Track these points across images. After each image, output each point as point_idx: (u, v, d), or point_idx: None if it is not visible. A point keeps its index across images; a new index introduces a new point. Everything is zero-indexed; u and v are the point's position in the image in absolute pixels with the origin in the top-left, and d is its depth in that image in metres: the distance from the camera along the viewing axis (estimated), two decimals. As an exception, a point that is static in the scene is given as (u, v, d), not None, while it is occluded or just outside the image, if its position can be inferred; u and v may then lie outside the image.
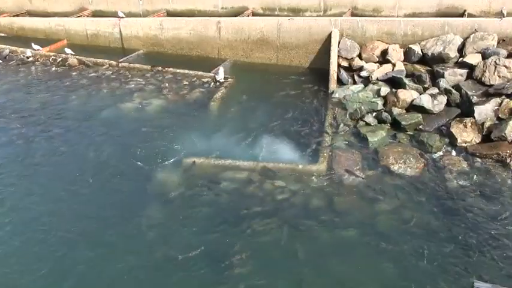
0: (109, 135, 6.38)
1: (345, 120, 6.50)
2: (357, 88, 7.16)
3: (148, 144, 6.07)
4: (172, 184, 5.24)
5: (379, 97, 6.78)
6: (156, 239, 4.46)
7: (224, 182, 5.27)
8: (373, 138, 6.01)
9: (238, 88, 7.84)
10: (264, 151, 5.85)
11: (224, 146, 5.96)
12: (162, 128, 6.50)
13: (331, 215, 4.77)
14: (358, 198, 5.02)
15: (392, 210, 4.85)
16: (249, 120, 6.73)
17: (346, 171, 5.37)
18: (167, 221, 4.68)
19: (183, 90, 7.77)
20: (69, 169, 5.61)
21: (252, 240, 4.44)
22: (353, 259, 4.22)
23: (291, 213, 4.80)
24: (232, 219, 4.71)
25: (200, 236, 4.49)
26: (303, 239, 4.45)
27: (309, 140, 6.16)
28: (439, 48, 7.25)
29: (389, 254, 4.26)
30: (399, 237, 4.47)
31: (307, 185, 5.21)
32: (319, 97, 7.35)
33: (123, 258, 4.23)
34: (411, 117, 6.29)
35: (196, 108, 7.16)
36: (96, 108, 7.19)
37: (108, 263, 4.17)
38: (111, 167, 5.63)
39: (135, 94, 7.62)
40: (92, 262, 4.20)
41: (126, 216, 4.77)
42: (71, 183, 5.35)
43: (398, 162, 5.55)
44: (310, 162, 5.60)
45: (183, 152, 5.83)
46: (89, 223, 4.69)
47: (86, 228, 4.62)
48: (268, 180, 5.27)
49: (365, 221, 4.69)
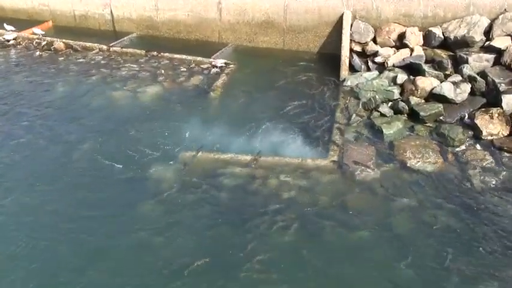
0: (98, 126, 6.35)
1: (357, 111, 6.47)
2: (371, 75, 7.12)
3: (141, 137, 6.05)
4: (167, 180, 5.22)
5: (396, 85, 6.74)
6: (149, 241, 4.43)
7: (225, 178, 5.25)
8: (388, 131, 5.98)
9: (241, 75, 7.81)
10: (269, 144, 5.82)
11: (225, 138, 5.94)
12: (157, 119, 6.48)
13: (342, 214, 4.75)
14: (372, 196, 4.98)
15: (410, 209, 4.80)
16: (252, 110, 6.70)
17: (358, 167, 5.34)
18: (162, 222, 4.65)
19: (180, 77, 7.75)
20: (53, 165, 5.57)
21: (255, 243, 4.41)
22: (366, 264, 4.18)
23: (298, 212, 4.77)
24: (234, 220, 4.68)
25: (197, 238, 4.47)
26: (311, 241, 4.42)
27: (317, 132, 6.13)
28: (462, 31, 7.15)
29: (406, 259, 4.21)
30: (417, 239, 4.43)
31: (316, 182, 5.18)
32: (329, 85, 7.32)
33: (112, 263, 4.21)
34: (431, 107, 6.23)
35: (195, 97, 7.14)
36: (85, 97, 7.16)
37: (95, 269, 4.14)
38: (101, 162, 5.60)
39: (128, 81, 7.59)
40: (78, 267, 4.16)
41: (117, 216, 4.74)
42: (55, 179, 5.30)
43: (416, 157, 5.51)
44: (319, 156, 5.58)
45: (180, 145, 5.81)
46: (75, 224, 4.65)
47: (71, 230, 4.57)
48: (273, 176, 5.24)
49: (379, 221, 4.65)
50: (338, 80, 7.38)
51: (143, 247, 4.36)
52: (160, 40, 9.34)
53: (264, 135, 6.00)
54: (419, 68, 6.84)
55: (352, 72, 7.45)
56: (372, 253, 4.28)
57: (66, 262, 4.21)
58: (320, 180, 5.21)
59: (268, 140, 5.91)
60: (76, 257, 4.26)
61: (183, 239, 4.45)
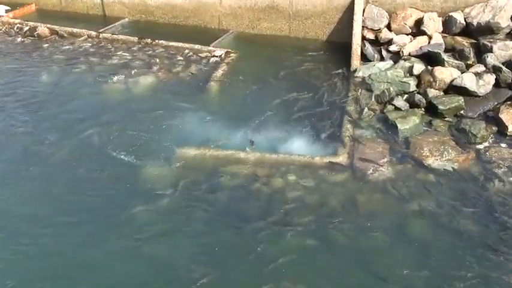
0: (87, 121, 6.34)
1: (369, 104, 6.47)
2: (385, 65, 7.10)
3: (134, 132, 6.04)
4: (163, 180, 5.22)
5: (412, 76, 6.71)
6: (142, 247, 4.42)
7: (225, 177, 5.25)
8: (403, 126, 5.97)
9: (243, 65, 7.80)
10: (273, 140, 5.82)
11: (225, 133, 5.93)
12: (152, 113, 6.47)
13: (352, 217, 4.74)
14: (385, 198, 4.98)
15: (427, 212, 4.79)
16: (254, 103, 6.70)
17: (370, 165, 5.34)
18: (156, 226, 4.64)
19: (176, 67, 7.75)
20: (35, 163, 5.53)
21: (258, 248, 4.40)
22: (378, 271, 4.16)
23: (305, 215, 4.76)
24: (234, 223, 4.68)
25: (195, 244, 4.46)
26: (320, 246, 4.41)
27: (326, 127, 6.12)
28: (487, 16, 7.11)
29: (422, 266, 4.20)
30: (434, 245, 4.41)
31: (324, 181, 5.18)
32: (338, 76, 7.30)
33: (101, 275, 4.17)
34: (450, 100, 6.21)
35: (192, 89, 7.14)
36: (72, 89, 7.14)
37: (82, 283, 4.10)
38: (90, 159, 5.59)
39: (119, 71, 7.59)
40: (63, 280, 4.13)
41: (107, 219, 4.72)
42: (36, 180, 5.26)
43: (434, 155, 5.50)
44: (327, 153, 5.57)
45: (176, 141, 5.80)
46: (60, 229, 4.63)
47: (56, 236, 4.55)
48: (278, 175, 5.25)
49: (393, 225, 4.64)
50: (349, 70, 7.36)
51: (136, 255, 4.35)
52: (154, 26, 9.33)
53: (268, 130, 6.00)
54: (438, 58, 6.80)
55: (364, 62, 7.43)
56: (385, 259, 4.27)
57: (50, 274, 4.17)
58: (329, 179, 5.20)
59: (272, 135, 5.91)
60: (61, 268, 4.22)
61: (179, 245, 4.44)
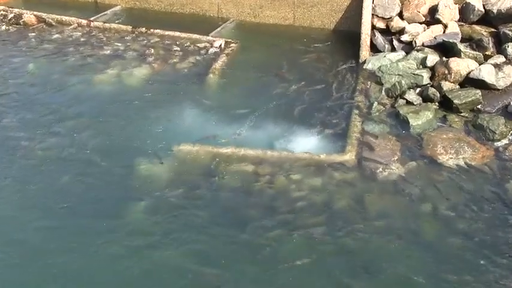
0: (78, 115, 6.33)
1: (379, 98, 6.48)
2: (396, 56, 7.10)
3: (127, 127, 6.05)
4: (159, 179, 5.22)
5: (425, 68, 6.71)
6: (137, 249, 4.41)
7: (225, 175, 5.25)
8: (416, 121, 5.98)
9: (244, 56, 7.81)
10: (276, 137, 5.83)
11: (225, 129, 5.94)
12: (146, 106, 6.48)
13: (361, 219, 4.73)
14: (396, 198, 4.97)
15: (441, 215, 4.78)
16: (256, 97, 6.71)
17: (380, 164, 5.34)
18: (151, 229, 4.63)
19: (172, 58, 7.76)
20: (21, 162, 5.49)
21: (259, 252, 4.39)
22: (388, 277, 4.15)
23: (310, 216, 4.76)
24: (235, 225, 4.68)
25: (193, 248, 4.44)
26: (325, 250, 4.41)
27: (332, 123, 6.13)
28: (508, 2, 7.07)
29: (434, 272, 4.18)
30: (448, 251, 4.39)
31: (331, 181, 5.18)
32: (346, 68, 7.30)
33: (91, 279, 4.14)
34: (467, 94, 6.21)
35: (190, 82, 7.15)
36: (61, 81, 7.13)
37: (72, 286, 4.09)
38: (81, 157, 5.59)
39: (112, 63, 7.59)
40: (52, 282, 4.11)
41: (98, 222, 4.69)
42: (23, 180, 5.21)
43: (448, 153, 5.50)
44: (334, 151, 5.58)
45: (173, 137, 5.80)
46: (51, 229, 4.62)
47: (46, 237, 4.53)
48: (281, 174, 5.25)
49: (404, 228, 4.62)
50: (357, 62, 7.37)
51: (130, 260, 4.31)
52: (149, 14, 9.31)
53: (270, 125, 6.01)
54: (454, 48, 6.79)
55: (373, 53, 7.44)
56: (394, 263, 4.26)
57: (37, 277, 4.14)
58: (335, 179, 5.20)
59: (275, 131, 5.92)
60: (46, 275, 4.16)
61: (176, 249, 4.42)
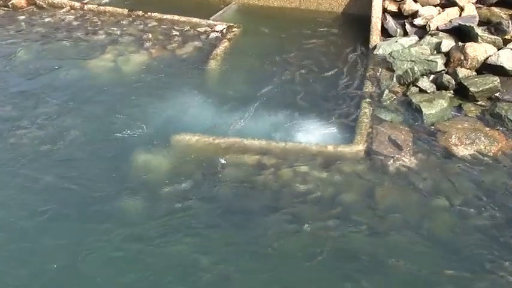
0: (71, 104, 6.34)
1: (390, 86, 6.48)
2: (409, 41, 7.08)
3: (123, 117, 6.06)
4: (156, 171, 5.23)
5: (439, 54, 6.69)
6: (134, 246, 4.42)
7: (227, 167, 5.26)
8: (429, 110, 5.96)
9: (247, 41, 7.82)
10: (281, 126, 5.83)
11: (227, 119, 5.94)
12: (143, 94, 6.49)
13: (370, 213, 4.73)
14: (408, 192, 4.96)
15: (455, 209, 4.76)
16: (259, 84, 6.71)
17: (391, 155, 5.35)
18: (150, 224, 4.64)
19: (171, 43, 7.78)
20: (10, 152, 5.51)
21: (264, 249, 4.39)
22: (399, 274, 4.14)
23: (317, 210, 4.76)
24: (237, 221, 4.68)
25: (194, 242, 4.45)
26: (333, 246, 4.40)
27: (341, 112, 6.13)
28: (530, -17, 7.05)
29: (448, 270, 4.16)
30: (463, 249, 4.36)
31: (339, 173, 5.18)
32: (356, 54, 7.30)
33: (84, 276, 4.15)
34: (484, 81, 6.18)
35: (190, 68, 7.16)
36: (53, 68, 7.14)
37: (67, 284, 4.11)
38: (75, 147, 5.60)
39: (107, 48, 7.61)
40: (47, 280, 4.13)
41: (94, 214, 4.72)
42: (18, 169, 5.25)
43: (464, 144, 5.49)
44: (342, 142, 5.58)
45: (171, 126, 5.82)
46: (43, 222, 4.64)
47: (39, 229, 4.55)
48: (286, 166, 5.26)
49: (416, 224, 4.61)
50: (367, 47, 7.36)
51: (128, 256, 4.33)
52: (146, -4, 9.33)
53: (275, 114, 6.01)
54: (471, 32, 6.75)
55: (385, 38, 7.42)
56: (406, 260, 4.25)
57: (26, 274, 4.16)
58: (344, 171, 5.20)
59: (280, 120, 5.91)
60: (41, 271, 4.17)
61: (176, 244, 4.42)
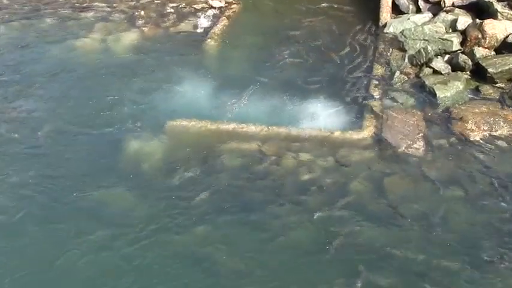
0: (58, 86, 6.34)
1: (402, 67, 6.47)
2: (422, 19, 7.04)
3: (114, 101, 6.05)
4: (150, 159, 5.24)
5: (455, 32, 6.65)
6: (124, 238, 4.43)
7: (225, 155, 5.26)
8: (444, 93, 5.95)
9: (247, 19, 7.81)
10: (284, 111, 5.83)
11: (225, 103, 5.93)
12: (135, 77, 6.48)
13: (379, 205, 4.73)
14: (420, 182, 4.96)
15: (471, 200, 4.75)
16: (260, 65, 6.70)
17: (402, 141, 5.35)
18: (142, 214, 4.65)
19: (165, 21, 7.76)
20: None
21: (266, 244, 4.40)
22: (412, 270, 4.14)
23: (323, 202, 4.76)
24: (237, 212, 4.69)
25: (189, 237, 4.45)
26: (341, 240, 4.40)
27: (348, 95, 6.11)
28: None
29: (465, 265, 4.16)
30: (480, 241, 4.36)
31: (346, 161, 5.19)
32: (364, 32, 7.27)
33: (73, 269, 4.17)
34: (504, 61, 6.15)
35: (185, 48, 7.14)
36: (36, 48, 7.14)
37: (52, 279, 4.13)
38: (59, 134, 5.60)
39: (96, 26, 7.60)
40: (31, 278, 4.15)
41: (83, 206, 4.74)
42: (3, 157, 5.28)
43: (481, 129, 5.49)
44: (350, 127, 5.58)
45: (166, 111, 5.83)
46: (30, 214, 4.65)
47: (25, 222, 4.58)
48: (290, 154, 5.26)
49: (429, 216, 4.59)
50: (377, 25, 7.31)
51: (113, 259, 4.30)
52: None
53: (277, 98, 5.99)
54: (490, 8, 6.70)
55: (396, 15, 7.36)
56: (419, 255, 4.25)
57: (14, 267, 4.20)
58: (351, 159, 5.21)
59: (283, 104, 5.90)
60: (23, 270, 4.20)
61: (170, 242, 4.41)
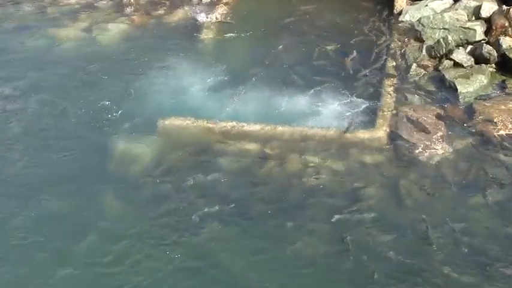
0: (36, 82, 6.35)
1: (419, 59, 6.46)
2: (442, 5, 7.01)
3: (101, 97, 6.06)
4: (140, 160, 5.26)
5: (479, 20, 6.64)
6: (112, 250, 4.44)
7: (223, 157, 5.27)
8: (466, 88, 5.94)
9: (246, 6, 7.81)
10: (288, 109, 5.82)
11: (223, 99, 5.94)
12: (124, 71, 6.50)
13: (395, 211, 4.72)
14: (439, 185, 4.95)
15: (496, 206, 4.73)
16: (262, 58, 6.69)
17: (419, 141, 5.33)
18: (133, 224, 4.66)
19: (157, 9, 7.77)
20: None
21: (267, 254, 4.40)
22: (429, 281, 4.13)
23: (331, 208, 4.75)
24: (236, 220, 4.69)
25: (184, 250, 4.46)
26: (350, 250, 4.39)
27: (360, 90, 6.10)
28: None
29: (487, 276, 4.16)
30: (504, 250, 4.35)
31: (358, 164, 5.19)
32: (378, 21, 7.26)
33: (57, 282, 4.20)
34: None
35: (179, 39, 7.16)
36: (15, 39, 7.17)
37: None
38: (45, 133, 5.63)
39: (80, 15, 7.61)
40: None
41: (67, 213, 4.75)
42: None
43: (508, 128, 5.48)
44: (361, 126, 5.57)
45: (158, 108, 5.84)
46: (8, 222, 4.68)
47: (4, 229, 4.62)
48: (295, 155, 5.26)
49: (449, 223, 4.58)
50: (391, 12, 7.30)
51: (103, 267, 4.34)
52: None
53: (281, 94, 5.99)
54: (517, -7, 6.65)
55: (412, 1, 7.33)
56: (437, 266, 4.24)
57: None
58: (363, 161, 5.20)
59: (287, 100, 5.90)
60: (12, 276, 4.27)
61: (161, 252, 4.43)
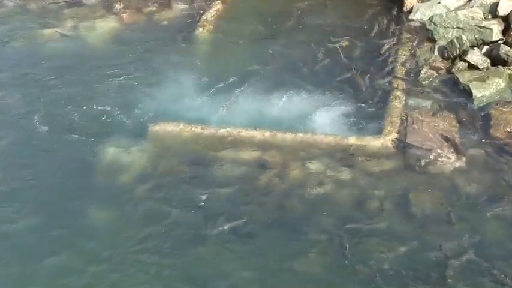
0: (20, 85, 6.42)
1: (431, 60, 6.48)
2: (455, 2, 7.05)
3: (89, 101, 6.09)
4: (130, 169, 5.28)
5: (496, 18, 6.65)
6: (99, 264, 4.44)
7: (220, 165, 5.28)
8: (481, 92, 5.95)
9: (245, 3, 7.89)
10: (289, 113, 5.84)
11: (219, 104, 5.96)
12: (113, 72, 6.53)
13: (404, 223, 4.71)
14: (453, 197, 4.94)
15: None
16: (260, 58, 6.73)
17: (430, 150, 5.33)
18: (123, 238, 4.67)
19: (148, 5, 7.85)
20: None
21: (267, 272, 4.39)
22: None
23: (335, 221, 4.75)
24: (235, 234, 4.68)
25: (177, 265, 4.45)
26: (356, 267, 4.36)
27: (366, 94, 6.13)
28: None
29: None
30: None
31: (364, 173, 5.19)
32: (386, 19, 7.31)
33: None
34: None
35: (172, 38, 7.21)
36: None
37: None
38: (25, 139, 5.67)
39: (66, 13, 7.69)
40: None
41: (52, 224, 4.77)
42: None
43: None
44: (368, 132, 5.59)
45: (149, 113, 5.87)
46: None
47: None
48: (296, 164, 5.26)
49: (464, 238, 4.56)
50: (401, 10, 7.36)
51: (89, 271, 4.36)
52: None
53: (281, 97, 6.00)
54: (537, -10, 6.67)
55: (423, -2, 7.39)
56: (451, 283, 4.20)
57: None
58: (370, 170, 5.21)
59: (287, 105, 5.92)
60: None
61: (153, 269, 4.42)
